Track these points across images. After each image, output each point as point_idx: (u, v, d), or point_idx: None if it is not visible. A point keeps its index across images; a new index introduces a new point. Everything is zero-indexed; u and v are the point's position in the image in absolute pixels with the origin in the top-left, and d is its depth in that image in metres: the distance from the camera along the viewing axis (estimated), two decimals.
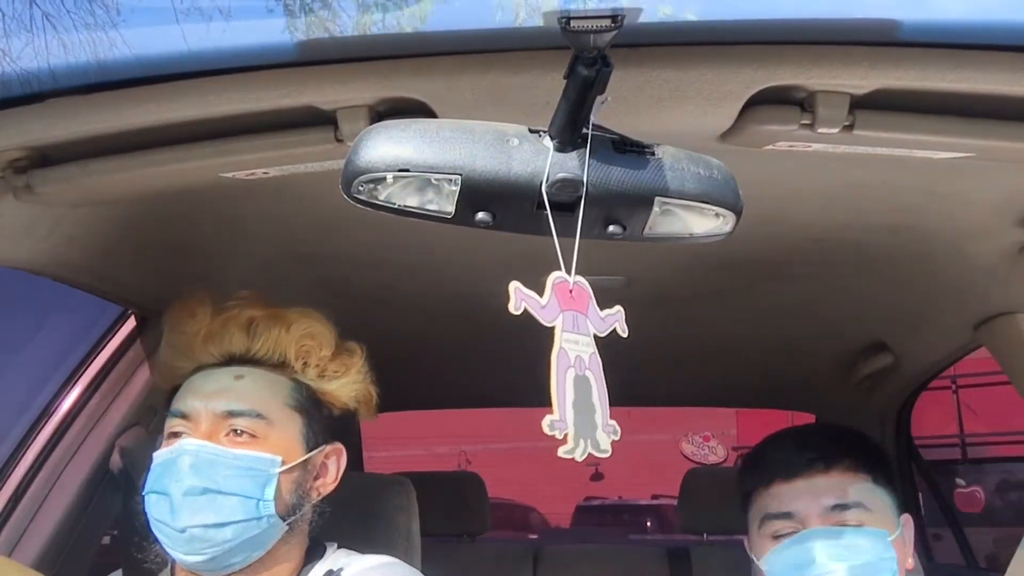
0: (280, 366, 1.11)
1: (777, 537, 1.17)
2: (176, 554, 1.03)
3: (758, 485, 1.22)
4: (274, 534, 1.05)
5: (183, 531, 1.00)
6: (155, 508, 1.03)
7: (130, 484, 1.40)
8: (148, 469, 1.06)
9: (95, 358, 1.52)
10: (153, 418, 1.53)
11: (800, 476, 1.18)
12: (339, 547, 1.15)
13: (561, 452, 0.67)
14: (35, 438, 1.47)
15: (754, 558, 1.21)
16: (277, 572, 1.08)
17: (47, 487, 1.42)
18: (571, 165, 0.70)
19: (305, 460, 1.08)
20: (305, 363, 1.12)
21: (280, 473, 1.04)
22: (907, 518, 1.22)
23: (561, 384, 0.67)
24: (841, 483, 1.18)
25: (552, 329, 0.69)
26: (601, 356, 0.72)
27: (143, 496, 1.05)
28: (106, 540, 1.57)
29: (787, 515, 1.17)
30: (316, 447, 1.10)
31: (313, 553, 1.13)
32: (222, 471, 1.02)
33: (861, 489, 1.19)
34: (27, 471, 1.43)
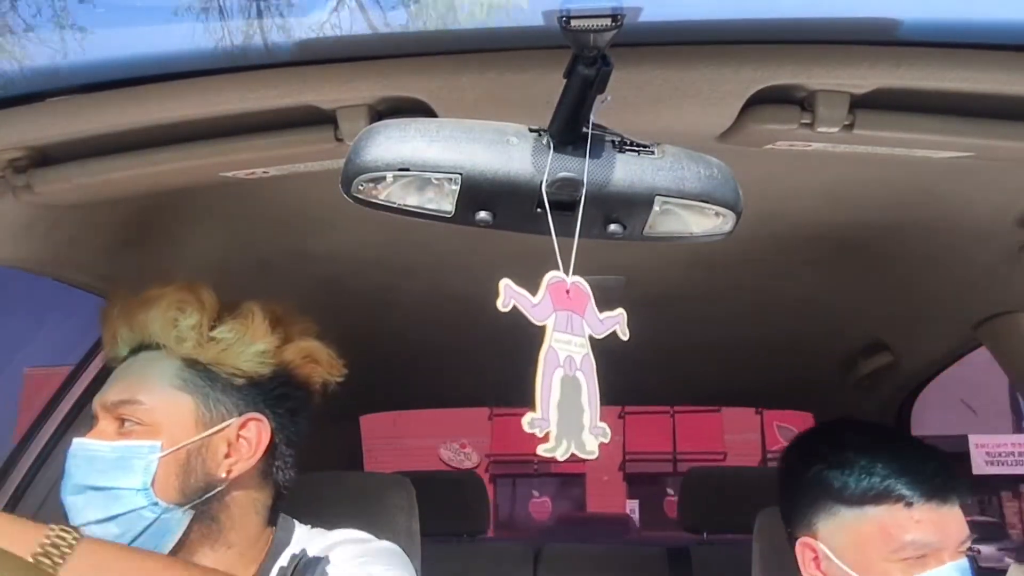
0: (161, 347, 1.07)
1: (908, 561, 1.09)
2: None
3: (890, 500, 1.12)
4: (177, 523, 1.00)
5: (85, 526, 0.97)
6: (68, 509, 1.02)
7: None
8: None
9: (95, 358, 1.52)
10: None
11: (946, 505, 1.12)
12: (312, 527, 1.11)
13: (541, 450, 0.67)
14: (36, 438, 1.47)
15: (853, 573, 1.12)
16: (217, 559, 1.03)
17: (47, 487, 1.42)
18: (571, 164, 0.70)
19: (201, 440, 1.02)
20: (177, 337, 1.06)
21: (161, 458, 1.00)
22: None
23: (546, 383, 0.68)
24: (961, 513, 1.15)
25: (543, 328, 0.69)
26: (600, 356, 0.72)
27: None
28: None
29: (929, 545, 1.10)
30: (218, 423, 1.04)
31: (280, 536, 1.08)
32: (99, 466, 1.00)
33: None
34: (28, 470, 1.43)
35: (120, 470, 0.99)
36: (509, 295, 0.68)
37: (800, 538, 1.19)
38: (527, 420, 0.66)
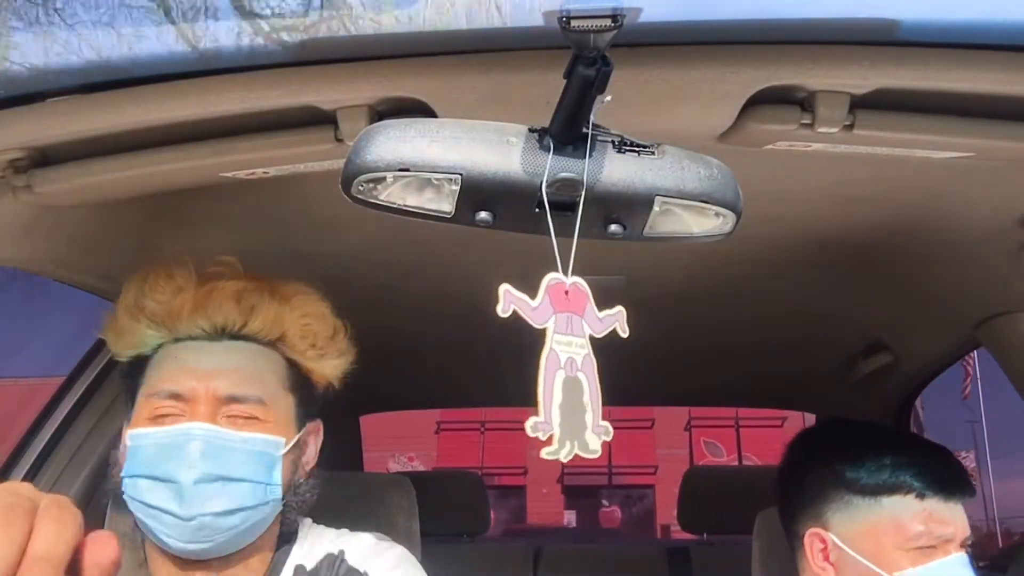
0: (272, 343, 1.06)
1: (923, 550, 1.12)
2: (174, 542, 0.97)
3: (906, 493, 1.15)
4: (273, 516, 1.04)
5: (191, 519, 0.95)
6: (152, 495, 0.96)
7: None
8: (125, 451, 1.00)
9: (96, 358, 1.52)
10: None
11: (954, 499, 1.16)
12: (312, 522, 1.14)
13: (544, 453, 0.67)
14: (36, 438, 1.47)
15: (866, 562, 1.14)
16: (261, 549, 1.06)
17: (48, 487, 1.42)
18: (571, 165, 0.70)
19: (296, 440, 1.06)
20: (312, 344, 1.08)
21: (283, 455, 1.02)
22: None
23: (548, 386, 0.67)
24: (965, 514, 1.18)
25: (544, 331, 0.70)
26: (600, 356, 0.72)
27: (126, 479, 0.98)
28: None
29: (941, 536, 1.13)
30: (304, 425, 1.08)
31: (287, 527, 1.10)
32: (232, 457, 0.97)
33: None
34: (28, 470, 1.43)
35: (255, 463, 0.99)
36: (509, 300, 0.68)
37: (809, 530, 1.20)
38: (530, 424, 0.66)
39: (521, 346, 0.71)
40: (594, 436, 0.69)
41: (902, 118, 0.88)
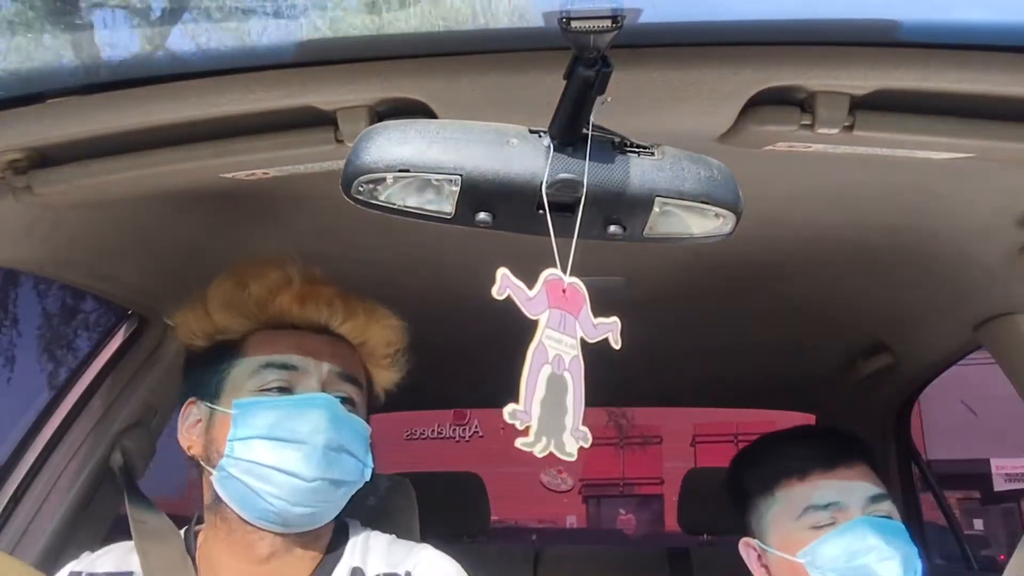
0: (356, 345, 1.13)
1: (817, 527, 1.17)
2: (281, 504, 0.99)
3: (788, 477, 1.21)
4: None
5: (313, 481, 0.99)
6: (272, 455, 0.99)
7: (131, 480, 1.41)
8: (249, 414, 1.02)
9: (96, 358, 1.52)
10: (153, 418, 1.53)
11: (840, 466, 1.20)
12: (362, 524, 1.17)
13: (519, 443, 0.67)
14: (36, 438, 1.47)
15: (778, 553, 1.19)
16: (317, 537, 1.08)
17: (48, 487, 1.42)
18: (571, 165, 0.70)
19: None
20: (387, 354, 1.15)
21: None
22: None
23: (533, 378, 0.68)
24: (873, 477, 1.21)
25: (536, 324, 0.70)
26: (601, 356, 0.72)
27: (236, 441, 1.01)
28: None
29: (833, 505, 1.17)
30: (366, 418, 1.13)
31: (340, 526, 1.14)
32: (349, 430, 1.04)
33: (883, 485, 1.22)
34: (28, 471, 1.43)
35: (360, 442, 1.05)
36: (505, 284, 0.68)
37: (741, 540, 1.28)
38: (508, 411, 0.66)
39: (523, 347, 0.70)
40: (572, 439, 0.69)
41: (902, 119, 0.88)
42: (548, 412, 0.68)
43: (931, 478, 2.37)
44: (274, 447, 1.00)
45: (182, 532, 1.11)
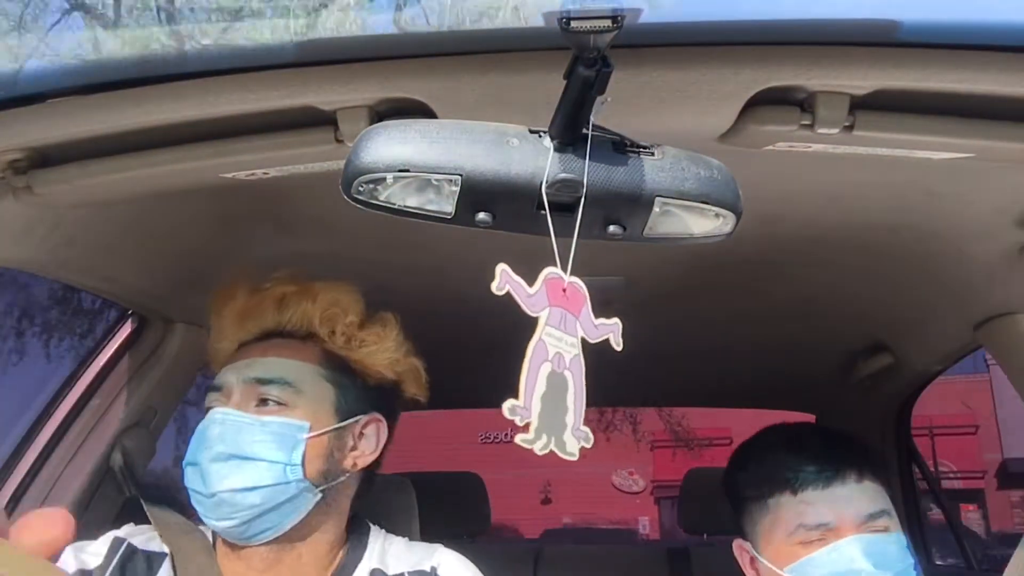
0: (309, 337, 1.13)
1: (806, 544, 1.14)
2: (209, 520, 1.05)
3: (782, 491, 1.17)
4: (306, 502, 1.06)
5: (212, 496, 1.02)
6: (189, 479, 1.05)
7: (132, 478, 1.41)
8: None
9: (96, 358, 1.52)
10: (153, 418, 1.53)
11: (834, 484, 1.16)
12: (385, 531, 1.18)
13: (519, 439, 0.66)
14: (36, 438, 1.47)
15: (769, 564, 1.17)
16: (314, 543, 1.09)
17: (48, 487, 1.42)
18: (571, 165, 0.70)
19: (338, 429, 1.09)
20: (332, 331, 1.13)
21: (308, 439, 1.05)
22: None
23: (532, 374, 0.67)
24: (872, 490, 1.17)
25: (537, 322, 0.69)
26: (601, 356, 0.72)
27: (183, 470, 1.07)
28: None
29: (822, 525, 1.14)
30: (350, 416, 1.10)
31: (357, 530, 1.14)
32: (248, 436, 1.03)
33: (885, 495, 1.19)
34: (28, 470, 1.43)
35: (272, 444, 1.04)
36: (505, 279, 0.68)
37: (735, 541, 1.25)
38: (508, 406, 0.66)
39: (524, 349, 0.70)
40: (573, 438, 0.68)
41: (902, 119, 0.88)
42: (548, 409, 0.67)
43: (931, 479, 2.37)
44: (191, 472, 1.05)
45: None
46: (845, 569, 1.11)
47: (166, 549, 1.08)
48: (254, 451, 1.03)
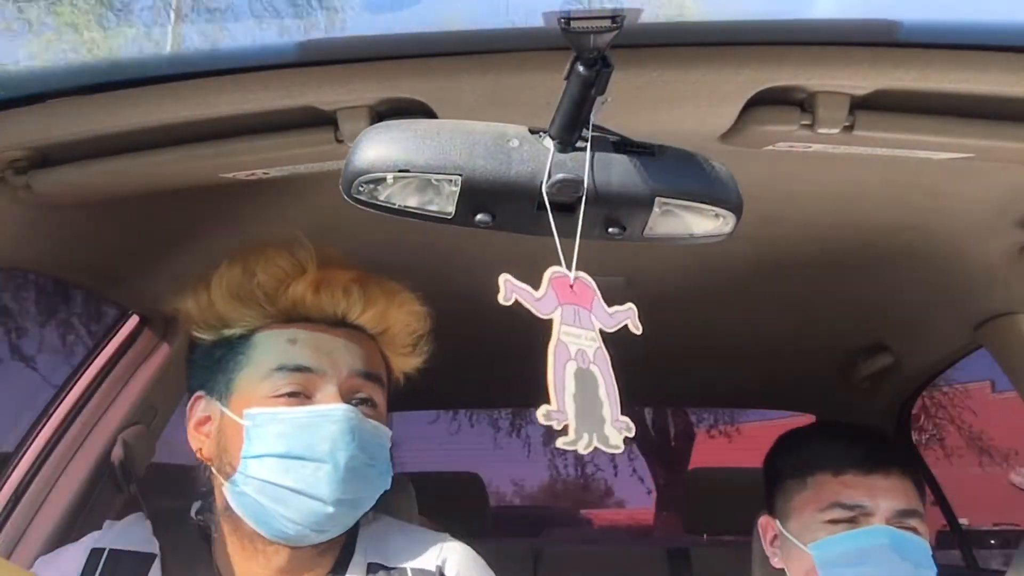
0: (373, 336, 1.04)
1: (835, 523, 1.17)
2: (297, 528, 0.93)
3: (824, 469, 1.21)
4: None
5: (332, 504, 0.92)
6: (291, 475, 0.92)
7: (132, 477, 1.41)
8: (262, 429, 0.94)
9: (96, 358, 1.52)
10: (153, 417, 1.53)
11: (877, 472, 1.19)
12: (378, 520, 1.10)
13: (560, 443, 0.65)
14: (36, 437, 1.47)
15: (792, 539, 1.20)
16: (329, 542, 1.02)
17: (48, 486, 1.42)
18: (571, 165, 0.70)
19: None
20: (409, 343, 1.06)
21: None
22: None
23: (559, 375, 0.66)
24: (910, 490, 1.20)
25: (552, 324, 0.69)
26: None
27: (249, 459, 0.94)
28: None
29: (858, 507, 1.17)
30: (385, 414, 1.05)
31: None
32: (372, 443, 0.96)
33: (919, 500, 1.21)
34: (28, 470, 1.43)
35: (383, 452, 0.98)
36: (510, 289, 0.67)
37: (761, 517, 1.30)
38: (542, 412, 0.64)
39: (530, 346, 0.70)
40: (614, 430, 0.67)
41: (902, 119, 0.88)
42: (583, 407, 0.66)
43: (932, 479, 2.37)
44: (290, 467, 0.92)
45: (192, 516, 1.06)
46: (870, 554, 1.14)
47: (155, 549, 1.01)
48: (377, 459, 0.96)
